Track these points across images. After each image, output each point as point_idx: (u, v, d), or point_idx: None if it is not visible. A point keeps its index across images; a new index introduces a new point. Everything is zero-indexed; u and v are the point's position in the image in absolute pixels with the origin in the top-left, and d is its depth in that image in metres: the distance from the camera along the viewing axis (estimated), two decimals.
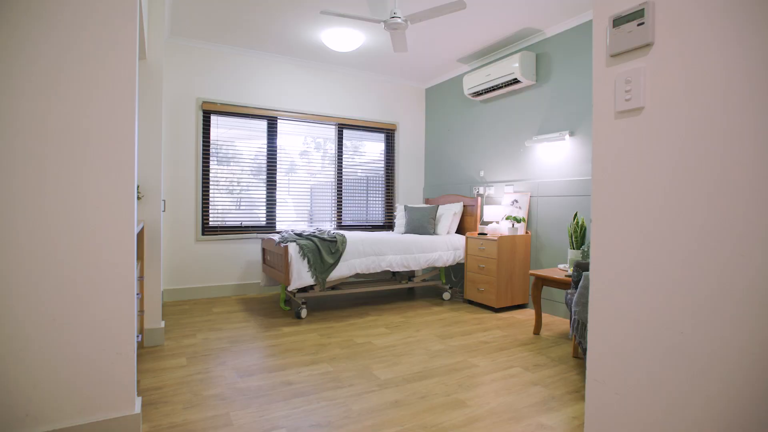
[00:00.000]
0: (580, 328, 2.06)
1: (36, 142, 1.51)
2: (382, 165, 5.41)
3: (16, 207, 1.49)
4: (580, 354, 2.72)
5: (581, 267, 2.61)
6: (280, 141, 4.71)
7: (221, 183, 4.42)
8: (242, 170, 4.52)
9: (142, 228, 2.73)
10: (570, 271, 2.97)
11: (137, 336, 2.07)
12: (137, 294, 2.08)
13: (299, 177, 4.85)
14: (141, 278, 2.57)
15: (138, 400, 1.75)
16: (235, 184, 4.49)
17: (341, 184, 5.10)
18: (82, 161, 1.57)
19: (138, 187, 2.67)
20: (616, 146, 1.13)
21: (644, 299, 1.06)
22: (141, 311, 2.59)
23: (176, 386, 2.21)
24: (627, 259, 1.10)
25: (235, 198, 4.49)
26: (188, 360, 2.58)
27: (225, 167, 4.44)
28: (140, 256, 2.75)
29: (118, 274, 1.63)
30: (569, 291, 2.58)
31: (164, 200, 3.49)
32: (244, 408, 1.98)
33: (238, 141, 4.50)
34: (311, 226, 4.90)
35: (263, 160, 4.62)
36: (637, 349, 1.07)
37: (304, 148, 4.88)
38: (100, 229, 1.60)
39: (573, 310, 2.11)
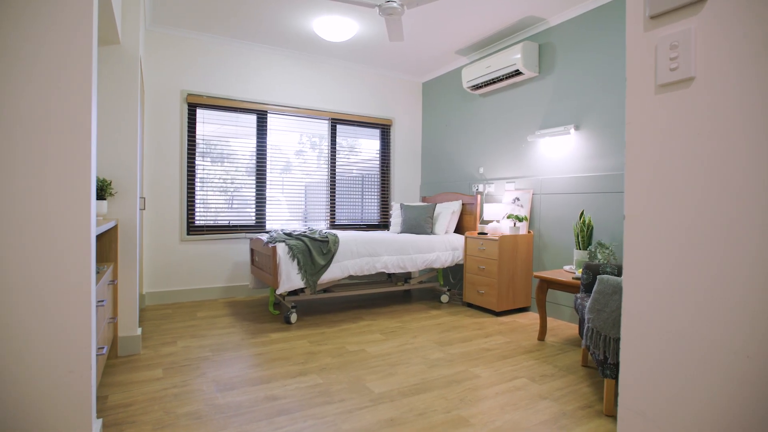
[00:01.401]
0: (594, 337, 1.86)
1: None
2: (378, 162, 5.21)
3: None
4: (589, 363, 2.53)
5: (592, 269, 2.41)
6: (271, 137, 4.49)
7: (208, 180, 4.20)
8: (233, 167, 4.29)
9: (115, 227, 2.51)
10: (578, 273, 2.77)
11: (100, 348, 1.85)
12: (101, 301, 1.86)
13: (293, 176, 4.63)
14: (113, 282, 2.36)
15: (97, 423, 1.54)
16: (227, 182, 4.27)
17: (335, 181, 4.89)
18: (24, 151, 1.36)
19: (110, 183, 2.45)
20: (658, 126, 0.93)
21: (694, 313, 0.86)
22: (112, 318, 2.37)
23: (148, 403, 1.99)
24: (672, 264, 0.90)
25: (224, 196, 4.27)
26: (164, 371, 2.36)
27: (212, 164, 4.22)
28: (113, 258, 2.53)
29: (71, 279, 1.42)
30: (579, 295, 2.39)
31: (143, 198, 3.27)
32: (222, 429, 1.77)
33: (227, 136, 4.27)
34: (305, 226, 4.69)
35: (252, 156, 4.40)
36: (688, 376, 0.87)
37: (299, 147, 4.66)
38: (48, 227, 1.38)
39: (586, 317, 1.91)
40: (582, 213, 3.09)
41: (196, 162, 4.13)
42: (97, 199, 2.37)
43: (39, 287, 1.38)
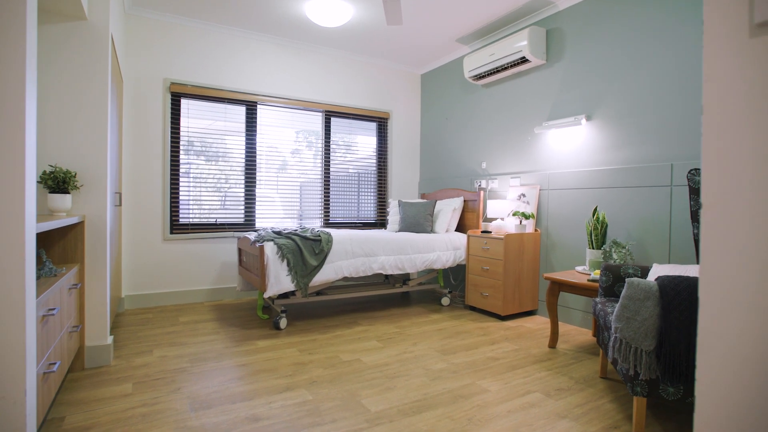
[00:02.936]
0: (623, 349, 1.62)
1: None
2: (374, 157, 4.95)
3: None
4: (609, 374, 2.28)
5: (612, 271, 2.17)
6: (261, 130, 4.23)
7: (193, 175, 3.93)
8: (224, 162, 4.03)
9: (80, 224, 2.25)
10: (593, 275, 2.53)
11: (51, 364, 1.60)
12: (52, 309, 1.60)
13: (288, 174, 4.37)
14: (76, 286, 2.10)
15: None
16: (216, 178, 4.00)
17: (329, 177, 4.63)
18: None
19: (74, 174, 2.19)
20: (753, 80, 0.69)
21: None
22: (76, 327, 2.11)
23: (110, 425, 1.74)
24: None
25: (211, 192, 4.00)
26: (135, 386, 2.11)
27: (199, 158, 3.95)
28: (79, 259, 2.27)
29: None
30: (598, 300, 2.14)
31: (119, 193, 3.00)
32: None
33: (214, 130, 4.01)
34: (298, 223, 4.43)
35: (242, 150, 4.14)
36: None
37: (295, 146, 4.40)
38: None
39: (612, 326, 1.67)
40: (595, 209, 2.85)
41: (181, 156, 3.87)
42: (58, 192, 2.11)
43: None
